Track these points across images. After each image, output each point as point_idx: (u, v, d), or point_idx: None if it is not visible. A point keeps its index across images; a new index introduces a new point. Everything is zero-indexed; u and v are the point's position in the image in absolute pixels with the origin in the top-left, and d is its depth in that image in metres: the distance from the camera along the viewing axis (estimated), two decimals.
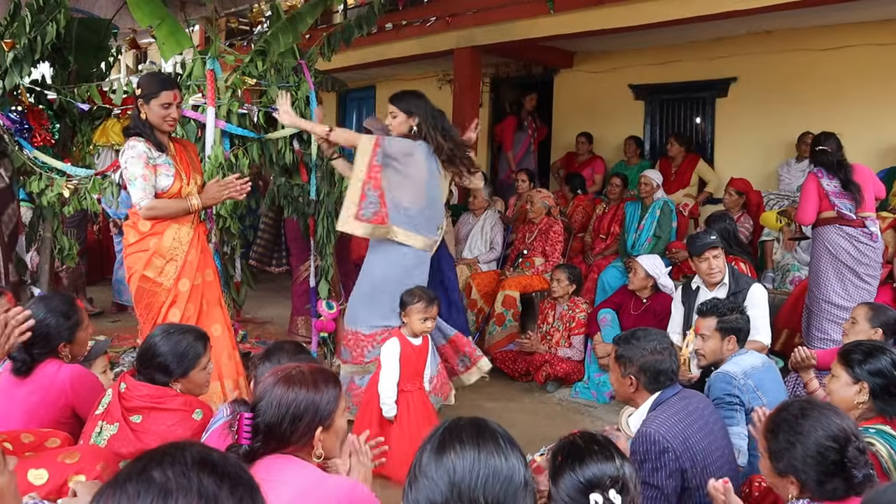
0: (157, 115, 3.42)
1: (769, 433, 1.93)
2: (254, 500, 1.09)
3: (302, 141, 4.64)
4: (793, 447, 1.86)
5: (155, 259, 3.44)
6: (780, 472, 1.89)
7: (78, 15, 4.87)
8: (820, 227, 4.62)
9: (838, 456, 1.81)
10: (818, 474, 1.82)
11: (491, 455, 1.34)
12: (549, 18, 6.37)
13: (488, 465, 1.33)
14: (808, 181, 4.65)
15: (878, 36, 6.15)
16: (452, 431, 1.40)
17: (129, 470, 1.03)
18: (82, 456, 2.19)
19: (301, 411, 1.83)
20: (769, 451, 1.92)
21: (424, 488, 1.33)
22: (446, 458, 1.33)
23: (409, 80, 9.62)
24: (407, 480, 1.38)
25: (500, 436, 1.39)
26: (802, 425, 1.86)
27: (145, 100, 3.42)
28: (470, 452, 1.34)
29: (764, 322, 4.02)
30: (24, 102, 4.50)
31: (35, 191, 4.48)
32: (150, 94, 3.41)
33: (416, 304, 3.61)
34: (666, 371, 2.56)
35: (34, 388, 2.57)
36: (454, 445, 1.35)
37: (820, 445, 1.82)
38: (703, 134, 7.56)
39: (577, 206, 6.83)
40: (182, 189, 3.48)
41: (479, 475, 1.31)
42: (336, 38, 5.23)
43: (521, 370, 5.20)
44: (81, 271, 6.76)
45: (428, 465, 1.35)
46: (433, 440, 1.39)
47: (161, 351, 2.49)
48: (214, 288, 3.67)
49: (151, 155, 3.41)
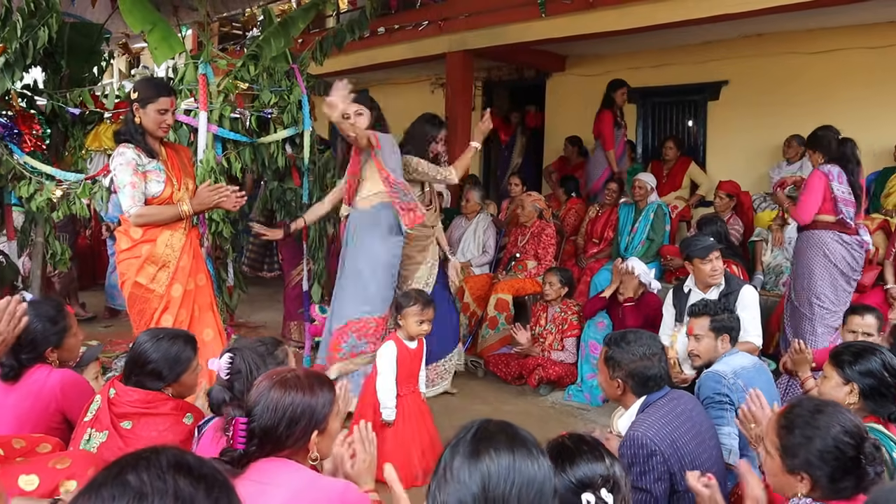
0: (153, 120, 3.41)
1: (783, 429, 1.91)
2: (230, 500, 1.09)
3: (294, 145, 4.65)
4: (810, 442, 1.84)
5: (147, 266, 3.43)
6: (792, 469, 1.87)
7: (70, 20, 4.87)
8: (815, 230, 4.39)
9: (855, 452, 1.80)
10: (833, 470, 1.81)
11: (525, 462, 1.33)
12: (540, 22, 6.39)
13: (523, 472, 1.32)
14: (817, 179, 4.37)
15: (868, 39, 6.20)
16: (485, 435, 1.38)
17: (104, 474, 1.03)
18: (73, 461, 2.17)
19: (297, 415, 1.83)
20: (782, 448, 1.90)
21: (455, 492, 1.31)
22: (481, 464, 1.32)
23: (402, 84, 9.64)
24: (434, 481, 1.36)
25: (530, 442, 1.39)
26: (819, 420, 1.85)
27: (141, 104, 3.40)
28: (505, 458, 1.33)
29: (755, 323, 4.04)
30: (14, 107, 4.49)
31: (24, 195, 4.47)
32: (146, 99, 3.39)
33: (412, 306, 3.61)
34: (654, 377, 2.56)
35: (24, 393, 2.56)
36: (489, 451, 1.34)
37: (838, 441, 1.81)
38: (694, 137, 7.60)
39: (570, 209, 6.86)
40: (173, 195, 3.47)
41: (514, 482, 1.31)
42: (328, 43, 5.24)
43: (514, 373, 5.20)
44: (73, 276, 6.74)
45: (461, 468, 1.33)
46: (465, 444, 1.37)
47: (153, 357, 2.48)
48: (206, 293, 3.66)
49: (141, 162, 3.40)
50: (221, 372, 2.24)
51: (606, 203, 6.52)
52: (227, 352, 2.31)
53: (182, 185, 3.53)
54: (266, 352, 2.36)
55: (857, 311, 3.50)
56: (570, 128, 7.94)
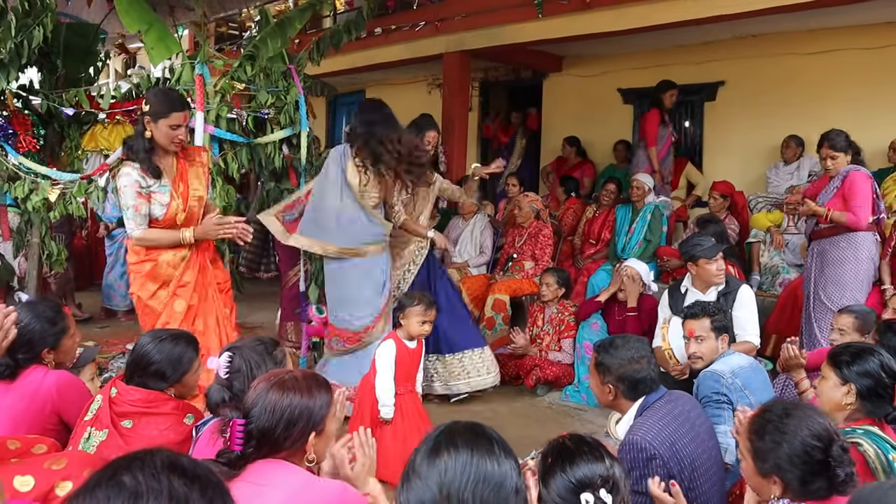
0: (165, 135, 3.34)
1: (753, 434, 1.95)
2: (224, 501, 1.09)
3: (291, 145, 4.64)
4: (778, 447, 1.87)
5: (148, 283, 3.42)
6: (764, 473, 1.91)
7: (66, 19, 4.86)
8: (860, 231, 4.31)
9: (823, 455, 1.83)
10: (803, 473, 1.83)
11: (483, 459, 1.34)
12: (537, 23, 6.40)
13: (480, 469, 1.33)
14: (863, 181, 4.30)
15: (864, 40, 6.22)
16: (448, 434, 1.40)
17: (98, 475, 1.04)
18: (69, 462, 2.16)
19: (295, 417, 1.83)
20: (753, 452, 1.94)
21: (416, 488, 1.33)
22: (439, 460, 1.34)
23: (399, 85, 9.63)
24: (400, 481, 1.37)
25: (495, 441, 1.39)
26: (787, 425, 1.88)
27: (153, 118, 3.32)
28: (463, 455, 1.34)
29: (753, 323, 4.04)
30: (9, 107, 4.48)
31: (20, 195, 4.46)
32: (159, 113, 3.32)
33: (415, 306, 3.64)
34: (644, 380, 2.56)
35: (20, 394, 2.55)
36: (448, 448, 1.35)
37: (806, 444, 1.84)
38: (691, 137, 7.60)
39: (568, 209, 6.86)
40: (177, 216, 3.43)
41: (470, 478, 1.31)
42: (325, 43, 5.23)
43: (511, 374, 5.19)
44: (70, 277, 6.72)
45: (421, 465, 1.35)
46: (428, 441, 1.39)
47: (156, 359, 2.48)
48: (214, 307, 3.60)
49: (144, 184, 3.34)
50: (220, 370, 2.24)
51: (604, 204, 6.52)
52: (226, 350, 2.31)
53: (188, 206, 3.46)
54: (265, 350, 2.36)
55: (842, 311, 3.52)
56: (567, 128, 7.94)
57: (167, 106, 3.33)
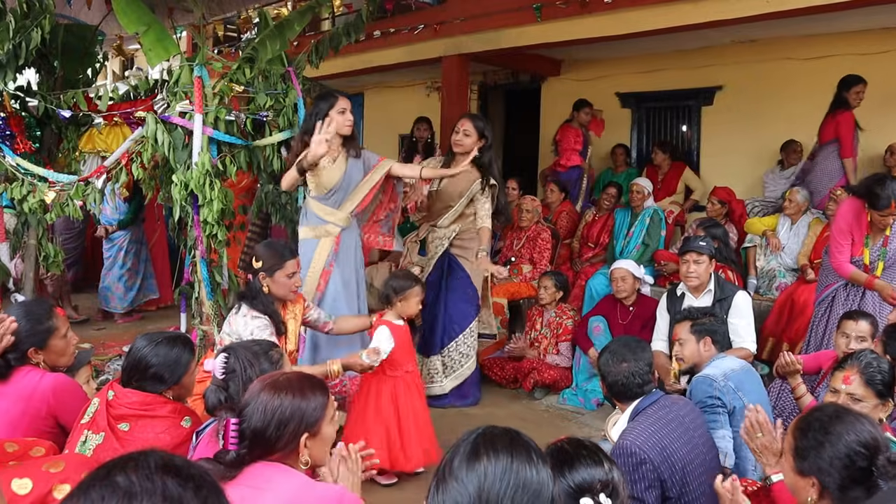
0: (283, 286, 3.30)
1: (798, 431, 1.93)
2: (219, 500, 1.09)
3: (290, 148, 4.63)
4: (821, 447, 1.84)
5: None
6: (803, 472, 1.88)
7: (64, 21, 4.85)
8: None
9: (867, 463, 1.80)
10: (842, 478, 1.81)
11: (523, 466, 1.33)
12: (536, 27, 6.40)
13: (519, 475, 1.31)
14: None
15: (861, 45, 6.23)
16: (488, 438, 1.38)
17: (93, 476, 1.04)
18: (67, 465, 2.16)
19: (287, 417, 1.84)
20: (795, 449, 1.91)
21: (452, 490, 1.31)
22: (478, 464, 1.32)
23: (398, 88, 9.64)
24: (434, 481, 1.36)
25: (532, 448, 1.38)
26: (834, 426, 1.86)
27: (269, 272, 3.26)
28: (503, 461, 1.32)
29: (749, 329, 4.05)
30: (6, 108, 4.47)
31: (17, 197, 4.45)
32: (273, 267, 3.26)
33: (415, 287, 3.74)
34: (631, 386, 2.62)
35: (16, 397, 2.54)
36: (488, 452, 1.34)
37: (850, 449, 1.81)
38: (689, 142, 7.61)
39: (561, 212, 6.84)
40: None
41: (510, 484, 1.30)
42: (324, 46, 5.23)
43: (509, 377, 5.19)
44: (66, 279, 6.70)
45: (459, 468, 1.33)
46: (466, 444, 1.37)
47: (153, 362, 2.47)
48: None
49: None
50: (217, 372, 2.24)
51: (604, 207, 6.52)
52: (222, 352, 2.31)
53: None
54: (261, 351, 2.36)
55: (852, 316, 3.51)
56: None
57: (280, 257, 3.30)
